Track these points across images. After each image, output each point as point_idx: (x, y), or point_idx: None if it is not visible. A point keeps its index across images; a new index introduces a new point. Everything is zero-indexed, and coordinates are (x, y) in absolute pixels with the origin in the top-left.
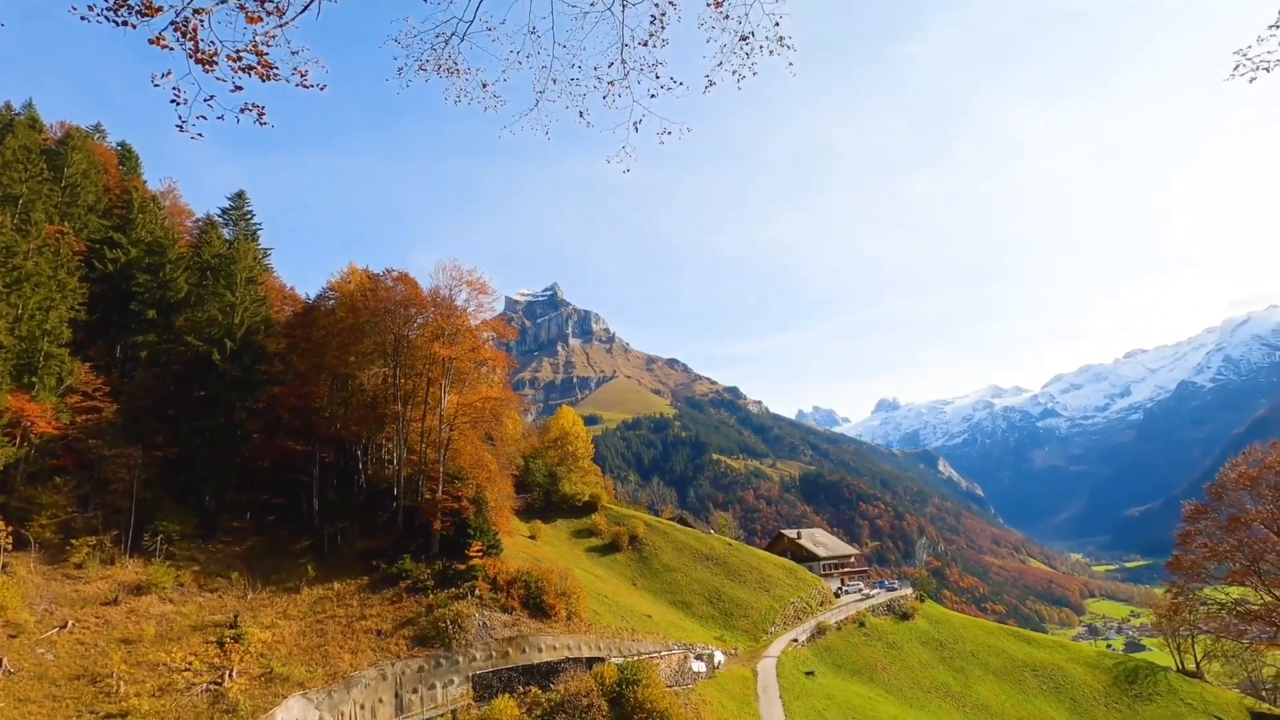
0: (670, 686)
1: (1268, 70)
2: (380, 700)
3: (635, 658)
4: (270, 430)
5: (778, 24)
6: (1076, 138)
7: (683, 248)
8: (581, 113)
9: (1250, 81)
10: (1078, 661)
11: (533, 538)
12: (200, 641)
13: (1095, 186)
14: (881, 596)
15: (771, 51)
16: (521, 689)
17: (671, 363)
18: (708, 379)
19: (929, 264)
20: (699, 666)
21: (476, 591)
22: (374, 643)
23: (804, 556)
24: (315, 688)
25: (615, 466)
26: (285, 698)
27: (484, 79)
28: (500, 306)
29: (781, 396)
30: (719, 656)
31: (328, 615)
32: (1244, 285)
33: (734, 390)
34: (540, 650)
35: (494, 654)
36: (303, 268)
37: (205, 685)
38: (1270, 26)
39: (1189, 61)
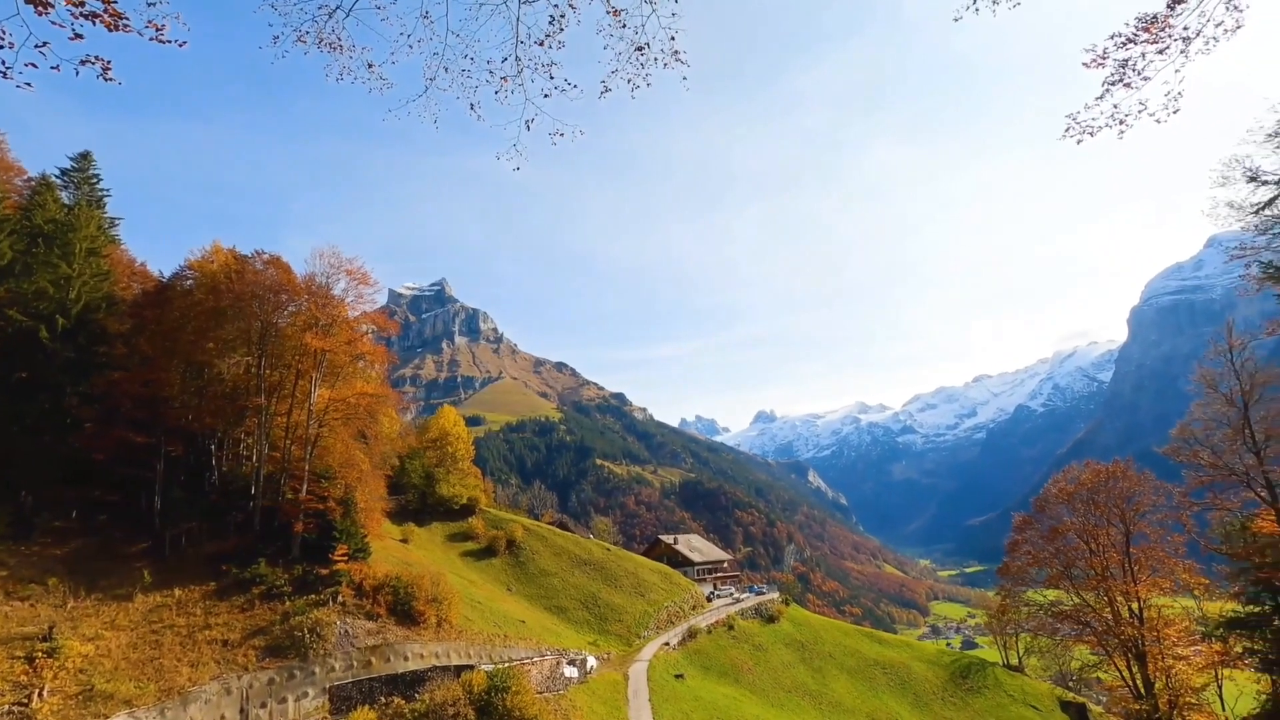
0: (541, 693)
1: (1091, 135)
2: (223, 716)
3: (507, 664)
4: (108, 419)
5: (673, 38)
6: (942, 181)
7: (576, 252)
8: (473, 105)
9: (1078, 143)
10: (921, 659)
11: (405, 541)
12: (4, 657)
13: (956, 227)
14: (750, 600)
15: (666, 65)
16: (384, 700)
17: (560, 366)
18: (595, 384)
19: (808, 285)
20: (571, 672)
21: (340, 598)
22: (219, 654)
23: (680, 561)
24: (145, 705)
25: (497, 469)
26: (108, 717)
27: (370, 59)
28: (383, 299)
29: (666, 404)
30: (592, 661)
31: (165, 625)
32: (1072, 322)
33: (620, 396)
34: (406, 659)
35: (355, 664)
36: (161, 243)
37: (7, 707)
38: (1096, 98)
39: (1030, 123)
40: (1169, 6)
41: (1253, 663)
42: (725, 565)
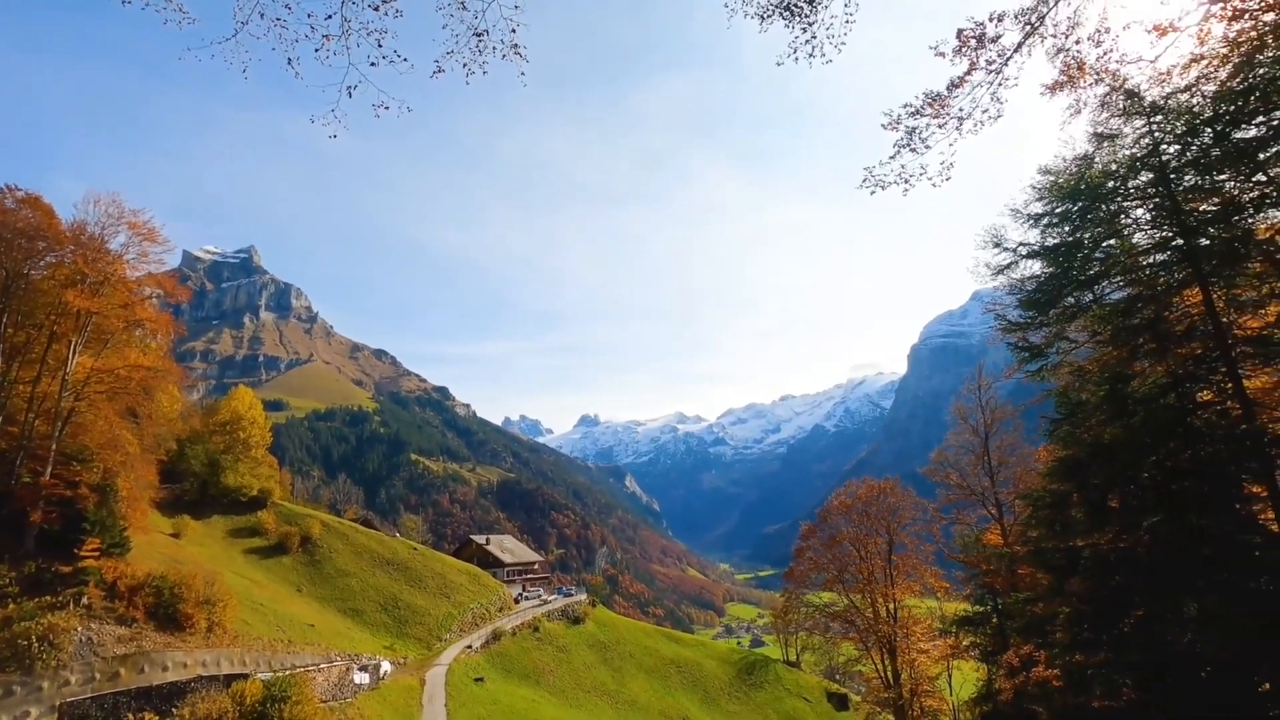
0: (326, 701)
1: (883, 188)
2: None
3: (288, 672)
4: None
5: (514, 31)
6: (764, 213)
7: (405, 238)
8: (291, 60)
9: (872, 193)
10: (712, 657)
11: (176, 536)
12: None
13: (774, 257)
14: (558, 602)
15: (505, 56)
16: (132, 716)
17: (379, 354)
18: (417, 375)
19: (637, 296)
20: (362, 678)
21: (85, 599)
22: None
23: (491, 562)
24: None
25: (298, 459)
26: None
27: None
28: (175, 261)
29: (492, 402)
30: (386, 666)
31: None
32: (866, 353)
33: (444, 390)
34: (166, 669)
35: (98, 675)
36: None
37: None
38: (889, 157)
39: (843, 170)
40: (948, 89)
41: (976, 654)
42: (537, 567)
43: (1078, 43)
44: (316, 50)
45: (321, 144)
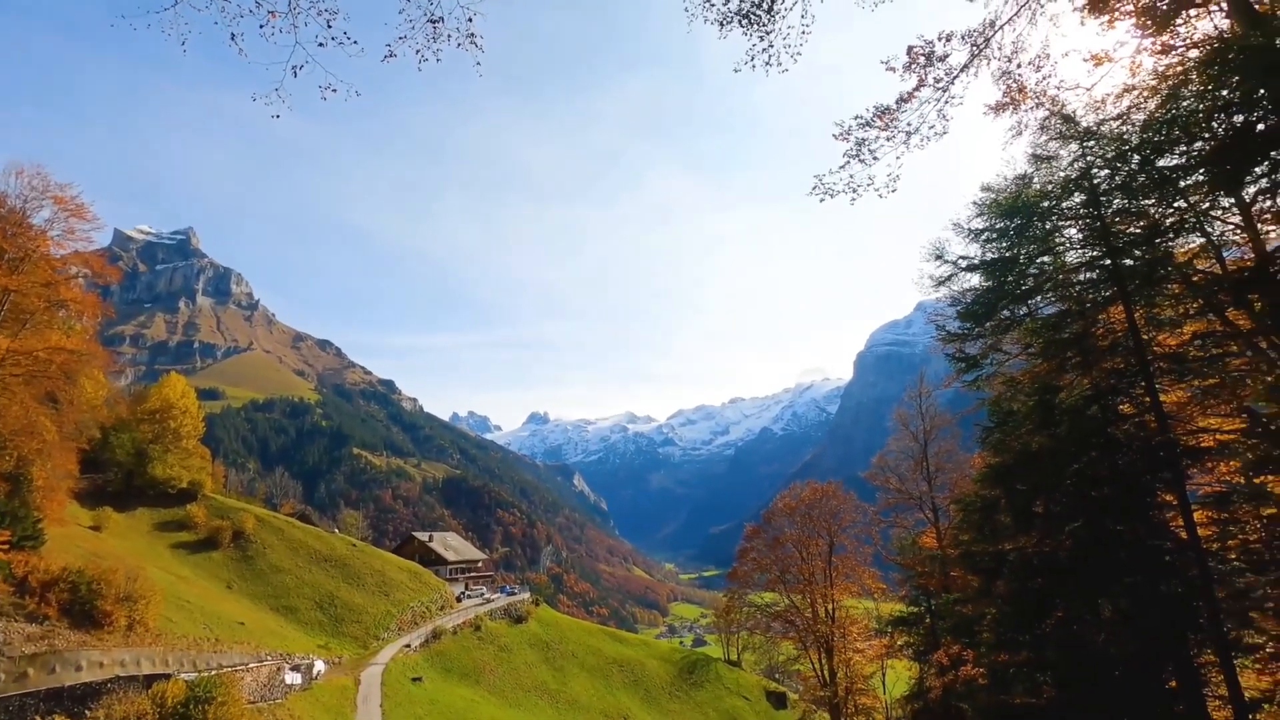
0: (254, 702)
1: (831, 196)
2: None
3: (214, 672)
4: None
5: (470, 20)
6: (716, 217)
7: (356, 228)
8: (234, 35)
9: (821, 201)
10: (655, 657)
11: (97, 528)
12: None
13: (724, 262)
14: (501, 601)
15: (460, 44)
16: (41, 718)
17: (324, 344)
18: (362, 368)
19: (588, 296)
20: (294, 678)
21: None
22: None
23: (433, 560)
24: None
25: (233, 451)
26: None
27: None
28: (106, 240)
29: (440, 397)
30: (319, 666)
31: None
32: (814, 358)
33: (389, 384)
34: (80, 669)
35: (3, 676)
36: None
37: None
38: (839, 166)
39: (795, 179)
40: (897, 103)
41: (909, 654)
42: (480, 565)
43: (1020, 67)
44: (261, 26)
45: (270, 128)
